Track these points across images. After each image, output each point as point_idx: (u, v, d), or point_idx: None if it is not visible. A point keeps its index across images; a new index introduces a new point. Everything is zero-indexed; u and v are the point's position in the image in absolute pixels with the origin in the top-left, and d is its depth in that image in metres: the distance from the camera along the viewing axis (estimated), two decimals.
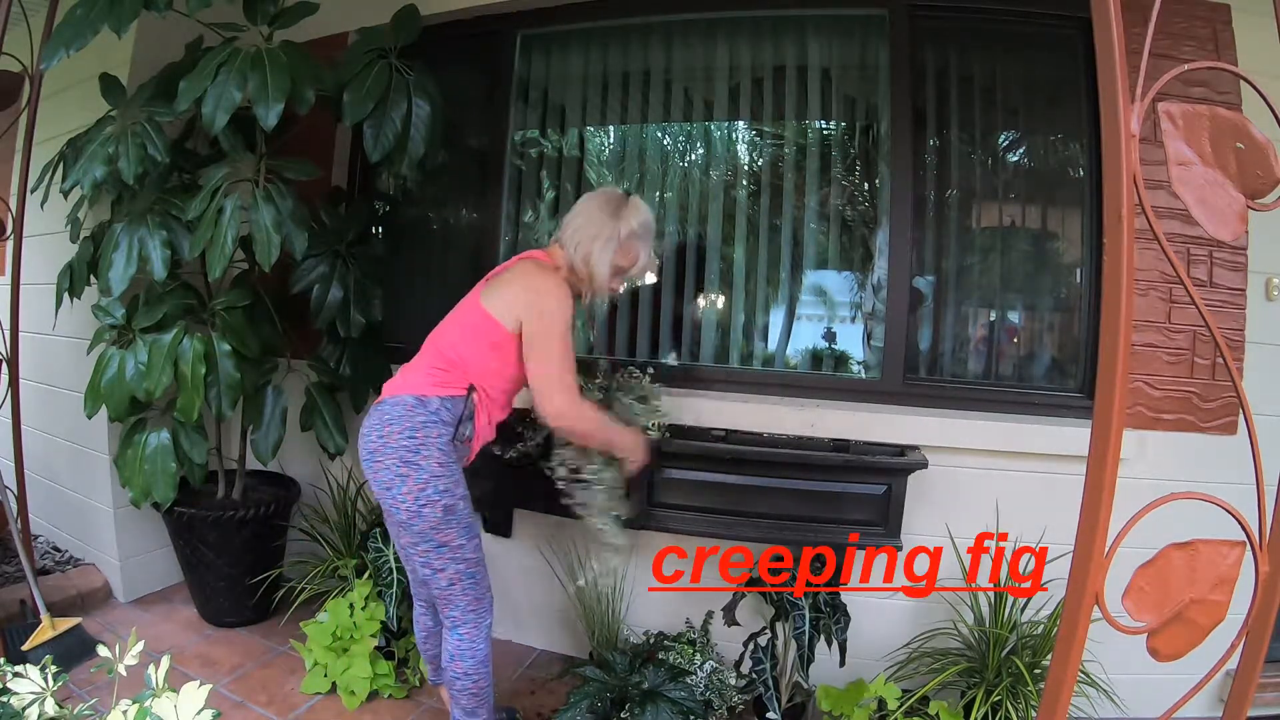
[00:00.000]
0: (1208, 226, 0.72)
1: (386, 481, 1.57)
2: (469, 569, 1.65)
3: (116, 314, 2.16)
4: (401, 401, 1.60)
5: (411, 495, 1.55)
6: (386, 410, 1.61)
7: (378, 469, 1.59)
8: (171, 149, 2.06)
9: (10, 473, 2.31)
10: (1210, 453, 2.01)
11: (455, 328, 1.70)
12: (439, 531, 1.58)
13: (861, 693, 1.92)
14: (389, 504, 1.59)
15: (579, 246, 1.71)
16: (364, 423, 1.65)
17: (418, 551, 1.61)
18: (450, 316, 1.75)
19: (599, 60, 2.59)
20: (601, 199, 1.75)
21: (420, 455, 1.56)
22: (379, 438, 1.59)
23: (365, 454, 1.61)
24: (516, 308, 1.64)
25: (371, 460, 1.60)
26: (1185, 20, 2.00)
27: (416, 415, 1.58)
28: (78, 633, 2.19)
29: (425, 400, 1.60)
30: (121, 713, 0.99)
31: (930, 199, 2.29)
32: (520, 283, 1.67)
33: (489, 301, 1.67)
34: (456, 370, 1.64)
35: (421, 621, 1.89)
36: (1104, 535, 0.73)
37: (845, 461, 1.92)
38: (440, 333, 1.72)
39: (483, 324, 1.65)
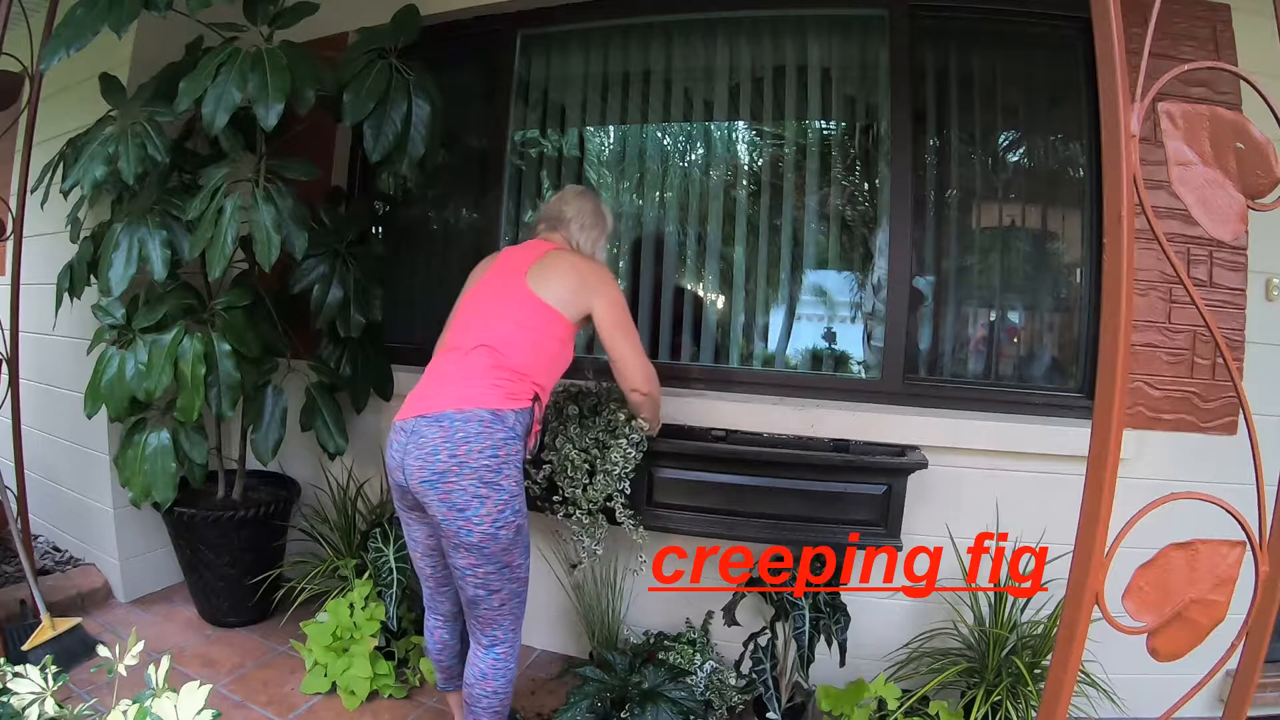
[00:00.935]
0: (1208, 226, 0.72)
1: (461, 503, 1.47)
2: (522, 588, 1.60)
3: (116, 314, 2.16)
4: (475, 416, 1.49)
5: (490, 517, 1.47)
6: (456, 426, 1.48)
7: (450, 489, 1.47)
8: (171, 149, 2.05)
9: (10, 473, 2.31)
10: (1210, 453, 2.01)
11: (511, 324, 1.61)
12: (508, 553, 1.52)
13: (861, 693, 1.92)
14: (459, 526, 1.48)
15: (589, 243, 1.84)
16: (409, 439, 1.52)
17: (478, 573, 1.53)
18: (493, 308, 1.65)
19: (599, 60, 2.59)
20: (591, 200, 1.89)
21: (502, 475, 1.49)
22: (450, 456, 1.47)
23: (431, 474, 1.48)
24: (581, 297, 1.65)
25: (440, 481, 1.47)
26: (1185, 20, 2.00)
27: (496, 432, 1.50)
28: (78, 633, 2.19)
29: (502, 415, 1.52)
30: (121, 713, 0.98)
31: (930, 199, 2.29)
32: (577, 273, 1.68)
33: (542, 292, 1.63)
34: (520, 375, 1.57)
35: (438, 635, 1.80)
36: (1104, 535, 0.73)
37: (845, 461, 1.92)
38: (489, 329, 1.61)
39: (547, 319, 1.61)
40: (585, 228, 1.84)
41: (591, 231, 1.85)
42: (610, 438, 1.86)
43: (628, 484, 1.84)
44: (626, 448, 1.83)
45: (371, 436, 2.61)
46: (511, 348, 1.58)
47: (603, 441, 1.87)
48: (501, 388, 1.54)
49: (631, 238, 2.59)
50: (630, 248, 2.59)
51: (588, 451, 1.87)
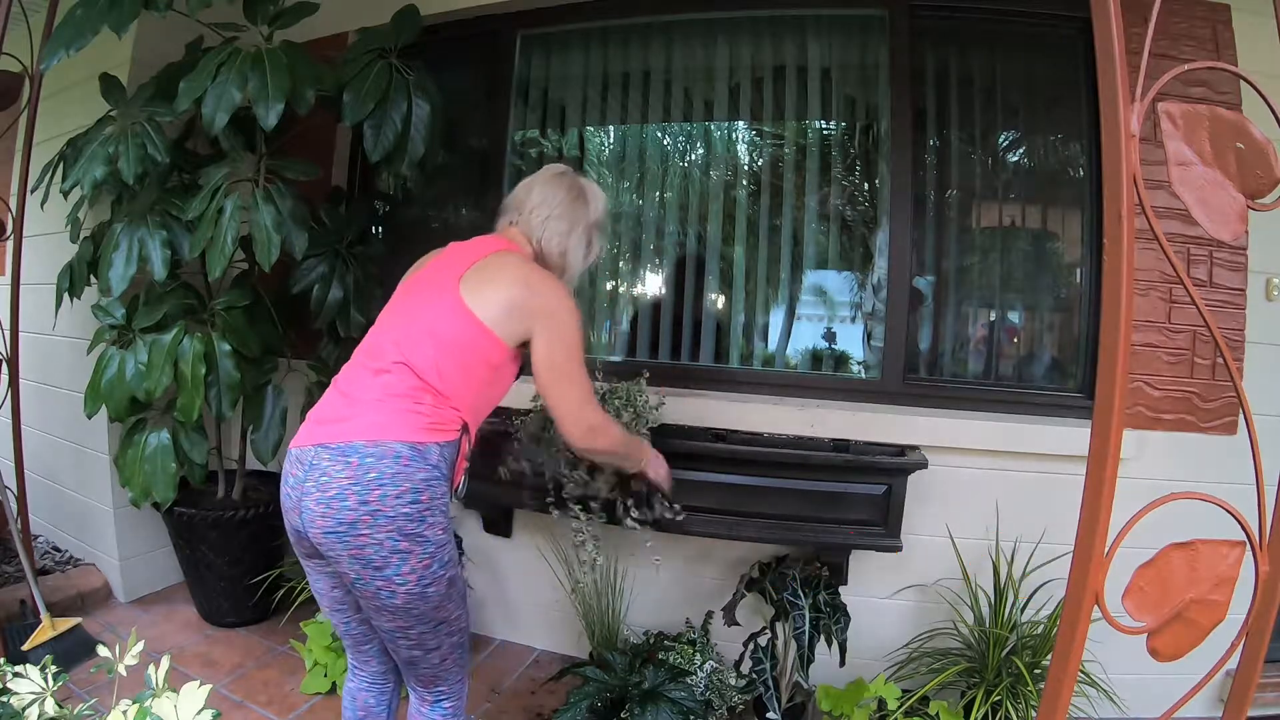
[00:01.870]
0: (1208, 226, 0.72)
1: (378, 560, 1.18)
2: (462, 637, 1.35)
3: (116, 314, 2.16)
4: (391, 451, 1.19)
5: (415, 575, 1.20)
6: (368, 464, 1.18)
7: (362, 544, 1.18)
8: (171, 149, 2.06)
9: (10, 473, 2.31)
10: (1210, 453, 2.01)
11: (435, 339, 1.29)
12: (441, 609, 1.26)
13: (861, 693, 1.92)
14: (378, 587, 1.20)
15: (554, 239, 1.48)
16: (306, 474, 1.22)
17: (410, 635, 1.27)
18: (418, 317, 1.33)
19: (599, 60, 2.59)
20: (566, 184, 1.51)
21: (425, 524, 1.21)
22: (361, 503, 1.17)
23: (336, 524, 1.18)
24: (518, 318, 1.32)
25: (349, 534, 1.17)
26: (1185, 20, 2.00)
27: (417, 471, 1.20)
28: (78, 633, 2.19)
29: (423, 449, 1.22)
30: (121, 713, 0.98)
31: (930, 199, 2.29)
32: (520, 286, 1.33)
33: (478, 306, 1.30)
34: (444, 400, 1.27)
35: (361, 700, 1.45)
36: (1104, 535, 0.73)
37: (845, 461, 1.92)
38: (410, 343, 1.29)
39: (477, 337, 1.29)
40: (551, 219, 1.47)
41: (558, 223, 1.48)
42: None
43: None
44: None
45: None
46: (434, 367, 1.27)
47: None
48: (424, 415, 1.25)
49: (631, 238, 2.59)
50: (630, 248, 2.59)
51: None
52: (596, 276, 2.60)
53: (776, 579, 1.97)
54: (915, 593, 2.12)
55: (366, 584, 1.21)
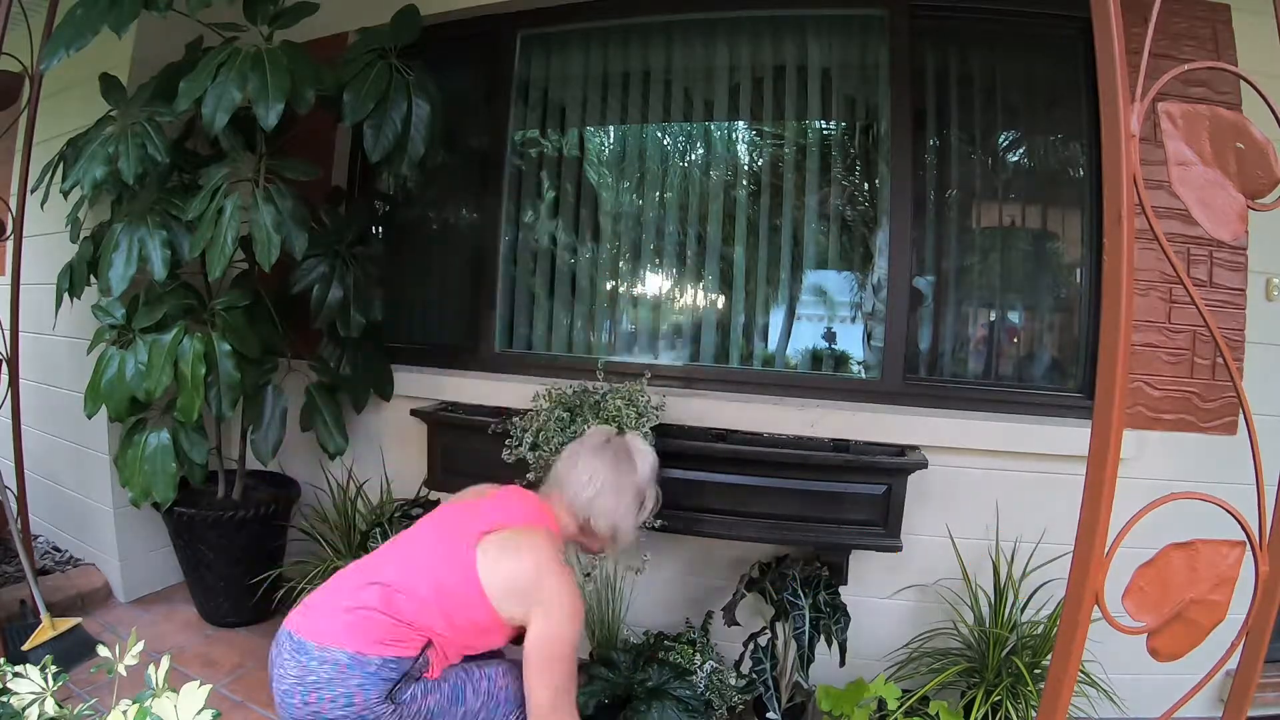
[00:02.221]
0: (1208, 226, 0.72)
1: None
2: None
3: (116, 314, 2.16)
4: (332, 658, 1.25)
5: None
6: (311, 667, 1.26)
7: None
8: (171, 149, 2.06)
9: (10, 473, 2.31)
10: (1210, 453, 2.01)
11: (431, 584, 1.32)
12: None
13: (861, 693, 1.92)
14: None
15: (603, 517, 1.48)
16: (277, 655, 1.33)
17: None
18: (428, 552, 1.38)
19: (599, 60, 2.59)
20: (610, 453, 1.52)
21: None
22: (303, 703, 1.25)
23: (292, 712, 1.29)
24: (521, 598, 1.33)
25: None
26: (1185, 20, 2.00)
27: (350, 679, 1.25)
28: (78, 633, 2.19)
29: (363, 660, 1.25)
30: (121, 713, 0.98)
31: (930, 199, 2.29)
32: (528, 566, 1.34)
33: (485, 572, 1.33)
34: (407, 626, 1.30)
35: None
36: (1104, 535, 0.73)
37: (845, 461, 1.92)
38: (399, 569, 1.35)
39: (475, 602, 1.32)
40: (599, 497, 1.47)
41: (606, 500, 1.47)
42: None
43: None
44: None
45: (371, 436, 2.61)
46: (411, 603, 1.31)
47: None
48: (374, 631, 1.28)
49: (631, 238, 2.59)
50: (630, 248, 2.59)
51: None
52: (597, 277, 2.60)
53: (776, 579, 1.97)
54: (915, 593, 2.12)
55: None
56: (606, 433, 1.59)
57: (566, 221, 2.65)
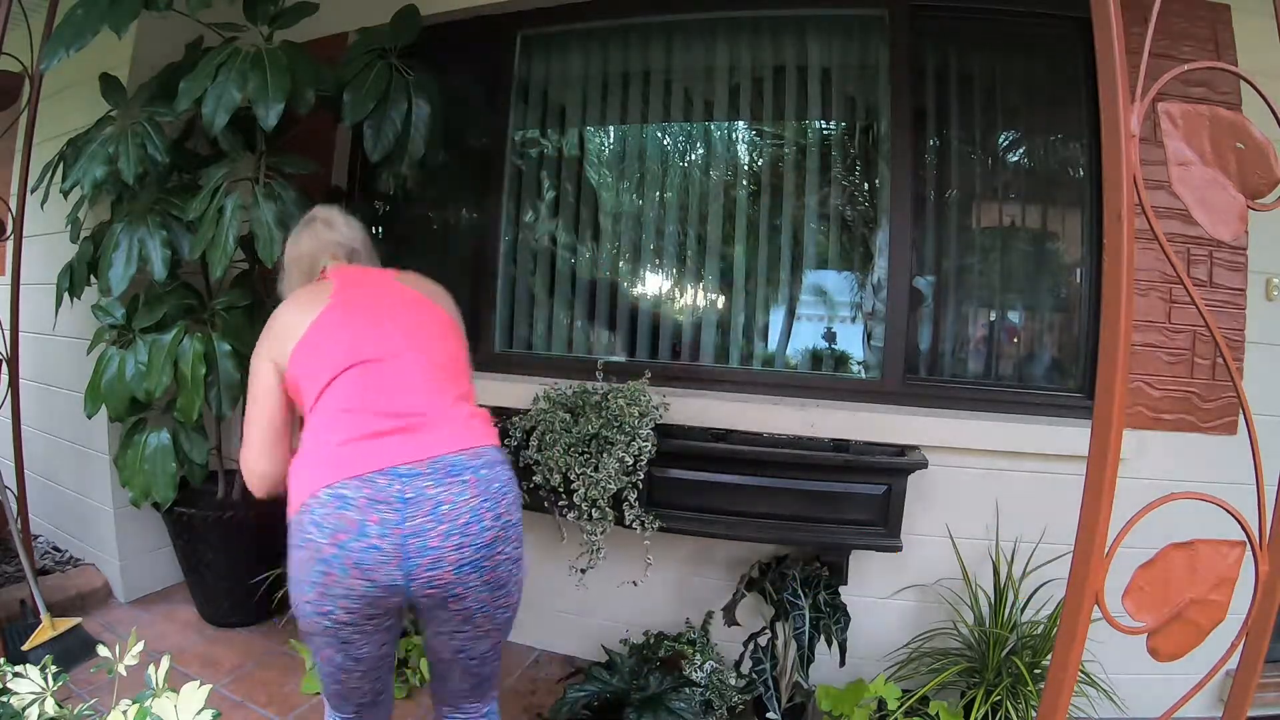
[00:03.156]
0: (1208, 226, 0.72)
1: (504, 577, 1.12)
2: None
3: (116, 314, 2.16)
4: (495, 460, 1.15)
5: (520, 581, 1.17)
6: (488, 474, 1.11)
7: (497, 563, 1.10)
8: (171, 149, 2.06)
9: (10, 473, 2.31)
10: (1210, 453, 2.01)
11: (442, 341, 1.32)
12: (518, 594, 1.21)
13: (861, 693, 1.92)
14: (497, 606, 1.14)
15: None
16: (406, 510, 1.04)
17: (497, 648, 1.22)
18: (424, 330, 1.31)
19: (599, 60, 2.59)
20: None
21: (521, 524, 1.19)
22: (496, 520, 1.09)
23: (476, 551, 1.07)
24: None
25: (488, 558, 1.08)
26: (1185, 20, 2.00)
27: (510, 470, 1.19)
28: (78, 633, 2.19)
29: (500, 447, 1.22)
30: (121, 713, 0.98)
31: (930, 199, 2.29)
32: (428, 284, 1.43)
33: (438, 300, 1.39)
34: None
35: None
36: (1104, 535, 0.73)
37: (845, 461, 1.92)
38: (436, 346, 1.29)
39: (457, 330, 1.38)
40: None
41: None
42: (618, 433, 1.86)
43: (641, 476, 1.85)
44: (641, 441, 1.83)
45: None
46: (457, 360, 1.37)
47: (606, 437, 1.87)
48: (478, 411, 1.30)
49: (631, 238, 2.59)
50: (630, 248, 2.59)
51: (587, 445, 1.87)
52: (597, 277, 2.60)
53: (776, 579, 1.97)
54: (915, 593, 2.12)
55: (487, 608, 1.12)
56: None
57: (566, 221, 2.65)
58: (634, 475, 1.85)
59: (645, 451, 1.85)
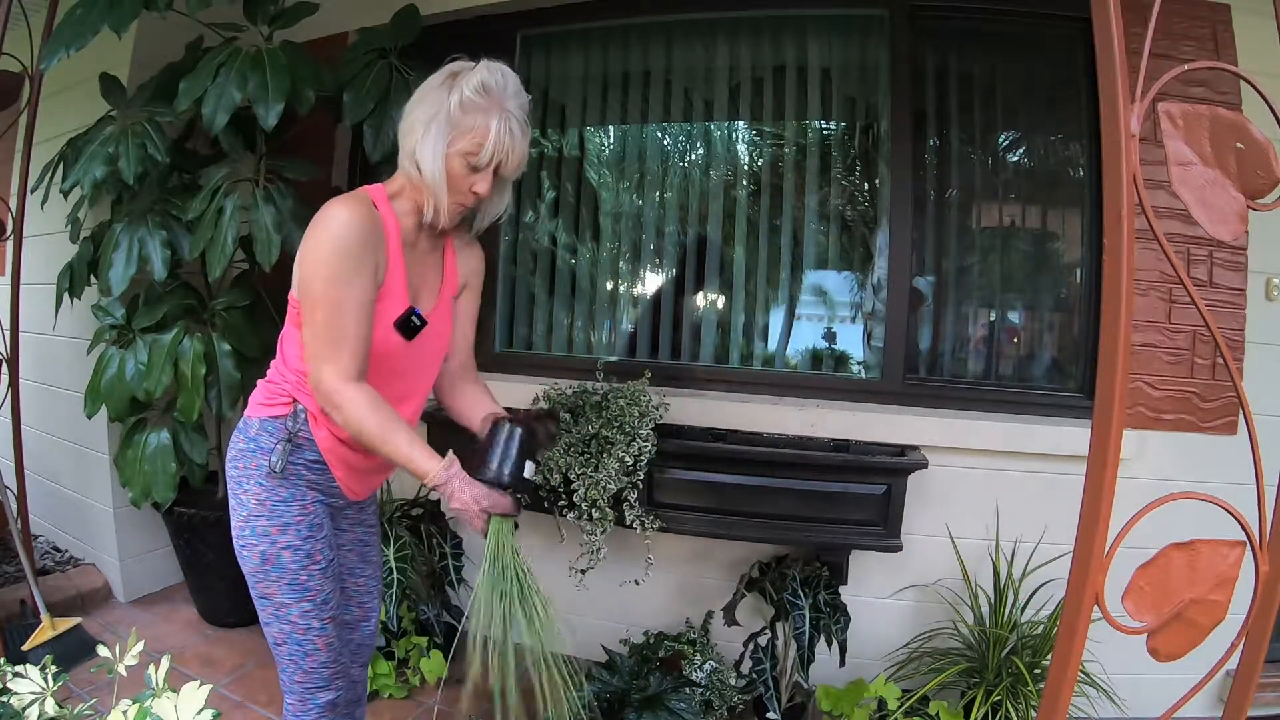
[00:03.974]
0: (1208, 226, 0.71)
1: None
2: (294, 633, 1.27)
3: (116, 314, 2.16)
4: (240, 423, 1.34)
5: (235, 529, 1.29)
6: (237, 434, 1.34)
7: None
8: (171, 149, 2.06)
9: (10, 473, 2.31)
10: (1210, 453, 2.01)
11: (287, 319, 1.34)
12: (257, 580, 1.27)
13: (861, 693, 1.92)
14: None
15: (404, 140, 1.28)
16: None
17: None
18: None
19: (599, 60, 2.59)
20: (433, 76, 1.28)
21: (242, 489, 1.28)
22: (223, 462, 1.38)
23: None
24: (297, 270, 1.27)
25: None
26: (1185, 20, 2.00)
27: (238, 441, 1.31)
28: (78, 633, 2.19)
29: (248, 422, 1.31)
30: (121, 713, 0.98)
31: (930, 199, 2.29)
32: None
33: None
34: (278, 376, 1.33)
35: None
36: (1104, 535, 0.73)
37: (845, 461, 1.92)
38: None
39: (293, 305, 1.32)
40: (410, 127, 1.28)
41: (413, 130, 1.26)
42: (618, 433, 1.86)
43: (641, 476, 1.85)
44: (641, 442, 1.84)
45: None
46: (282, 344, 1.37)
47: (606, 437, 1.87)
48: (262, 389, 1.35)
49: (631, 238, 2.59)
50: (630, 248, 2.59)
51: (587, 445, 1.87)
52: (597, 277, 2.60)
53: (776, 579, 1.97)
54: (915, 593, 2.12)
55: None
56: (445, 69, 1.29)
57: (566, 221, 2.65)
58: (634, 475, 1.85)
59: (645, 452, 1.85)
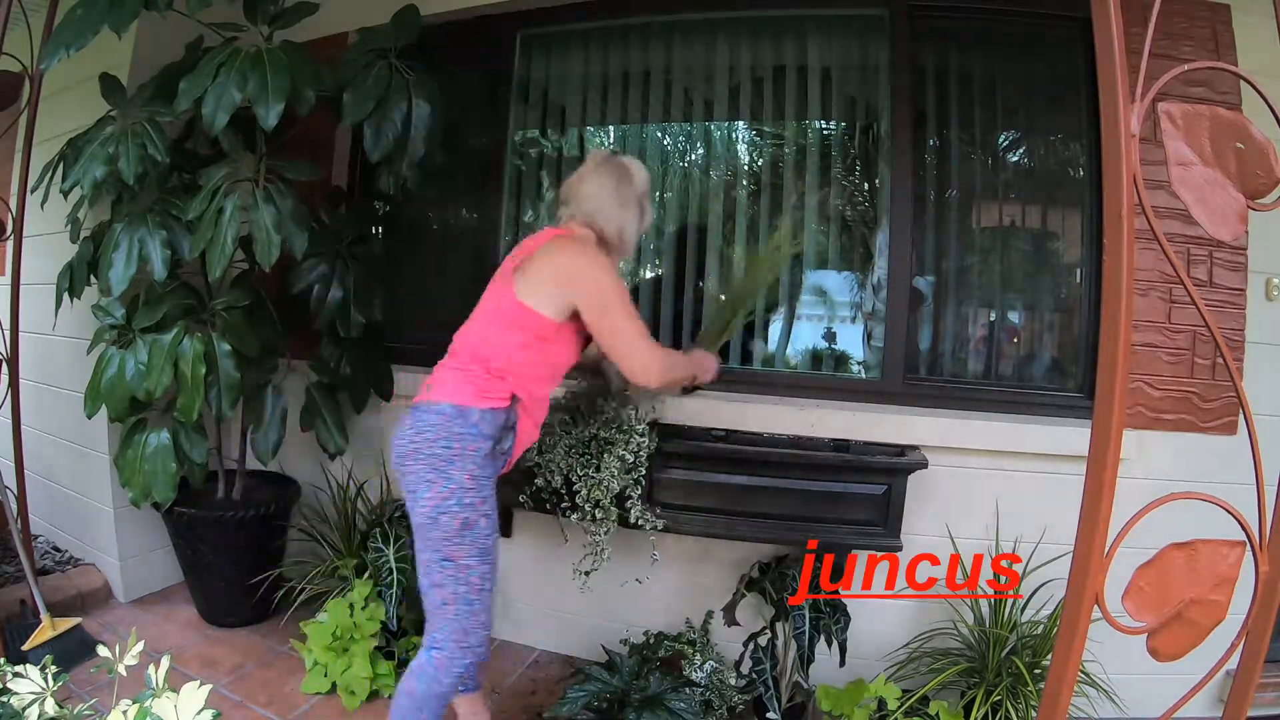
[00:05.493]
0: (1208, 226, 0.72)
1: (412, 485, 1.53)
2: (469, 594, 1.53)
3: (116, 314, 2.16)
4: (438, 410, 1.52)
5: (432, 502, 1.50)
6: (421, 417, 1.53)
7: (406, 473, 1.54)
8: (171, 149, 2.05)
9: (10, 473, 2.31)
10: (1210, 453, 2.01)
11: (486, 323, 1.60)
12: (449, 545, 1.51)
13: (861, 693, 1.92)
14: (410, 506, 1.55)
15: (610, 221, 1.65)
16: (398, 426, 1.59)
17: (422, 559, 1.55)
18: (480, 309, 1.65)
19: (599, 60, 2.59)
20: (611, 169, 1.69)
21: (453, 466, 1.50)
22: (410, 443, 1.53)
23: (396, 458, 1.57)
24: (561, 291, 1.55)
25: (402, 464, 1.55)
26: (1185, 20, 2.00)
27: (454, 425, 1.51)
28: (78, 633, 2.19)
29: (464, 410, 1.52)
30: (121, 713, 0.99)
31: (930, 199, 2.29)
32: (553, 265, 1.56)
33: (525, 293, 1.56)
34: (497, 376, 1.55)
35: None
36: (1104, 535, 0.73)
37: (845, 461, 1.92)
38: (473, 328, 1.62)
39: (524, 319, 1.56)
40: (608, 207, 1.65)
41: (616, 210, 1.66)
42: (616, 432, 1.86)
43: (642, 471, 1.85)
44: (639, 437, 1.83)
45: (372, 436, 2.61)
46: (485, 342, 1.57)
47: (605, 438, 1.87)
48: (475, 385, 1.54)
49: None
50: None
51: (587, 446, 1.87)
52: None
53: (776, 579, 1.97)
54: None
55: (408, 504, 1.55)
56: (604, 153, 1.76)
57: None
58: (635, 472, 1.85)
59: (644, 448, 1.85)
